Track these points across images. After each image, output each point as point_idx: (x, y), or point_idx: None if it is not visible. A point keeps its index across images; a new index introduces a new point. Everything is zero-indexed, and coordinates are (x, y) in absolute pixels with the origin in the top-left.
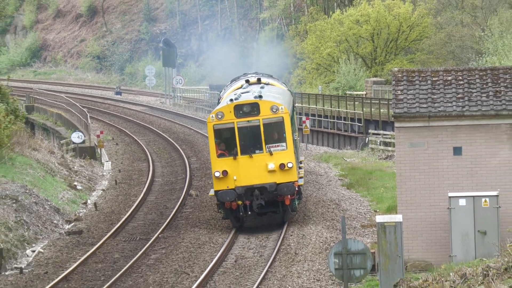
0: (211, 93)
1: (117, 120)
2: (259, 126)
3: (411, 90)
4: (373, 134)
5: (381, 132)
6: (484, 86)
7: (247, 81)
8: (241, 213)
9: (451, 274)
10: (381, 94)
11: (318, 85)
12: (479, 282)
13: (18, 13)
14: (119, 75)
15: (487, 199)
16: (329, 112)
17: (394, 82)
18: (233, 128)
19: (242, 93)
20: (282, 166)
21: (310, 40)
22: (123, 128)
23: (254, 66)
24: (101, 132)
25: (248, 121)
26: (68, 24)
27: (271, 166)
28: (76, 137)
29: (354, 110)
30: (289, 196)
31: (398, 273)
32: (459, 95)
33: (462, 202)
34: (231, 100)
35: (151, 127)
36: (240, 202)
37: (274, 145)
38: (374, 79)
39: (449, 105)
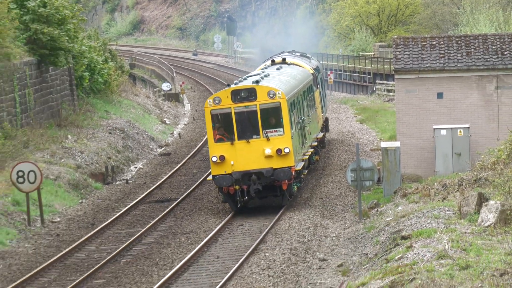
0: (261, 54)
1: (194, 74)
2: (256, 111)
3: (406, 51)
4: (379, 83)
5: (385, 82)
6: (459, 48)
7: (272, 61)
8: (238, 198)
9: (435, 184)
10: (384, 54)
11: (339, 48)
12: (455, 190)
13: None
14: (195, 42)
15: (461, 130)
16: (347, 68)
17: (394, 45)
18: (230, 113)
19: (248, 76)
20: (279, 152)
21: (333, 15)
22: (198, 80)
23: (293, 35)
24: (183, 83)
25: (245, 106)
26: (159, 5)
27: (268, 151)
28: (165, 86)
29: (365, 66)
30: (286, 181)
31: (397, 183)
32: (441, 55)
33: (443, 132)
34: (228, 85)
35: (218, 79)
36: (237, 187)
37: (271, 130)
38: (380, 43)
39: (434, 62)
